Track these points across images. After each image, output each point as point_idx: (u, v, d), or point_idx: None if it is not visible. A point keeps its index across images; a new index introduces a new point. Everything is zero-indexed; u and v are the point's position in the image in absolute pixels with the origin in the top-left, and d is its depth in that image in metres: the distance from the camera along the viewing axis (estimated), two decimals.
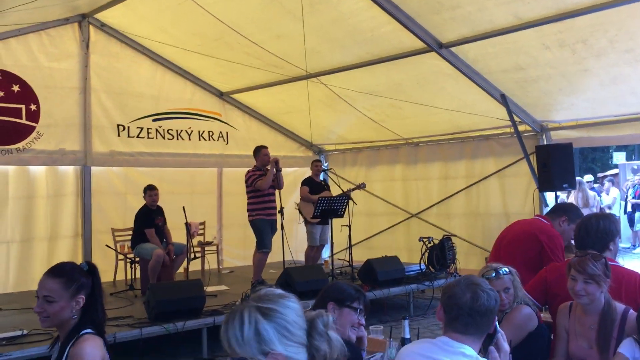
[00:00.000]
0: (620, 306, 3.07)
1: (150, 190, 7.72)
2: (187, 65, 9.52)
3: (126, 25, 8.64)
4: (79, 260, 8.45)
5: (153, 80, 9.34)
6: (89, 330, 2.40)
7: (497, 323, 2.28)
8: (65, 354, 2.35)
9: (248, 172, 7.74)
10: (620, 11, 5.60)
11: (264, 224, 7.61)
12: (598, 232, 3.44)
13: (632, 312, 3.03)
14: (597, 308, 3.07)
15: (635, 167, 14.13)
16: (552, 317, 3.56)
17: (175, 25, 8.11)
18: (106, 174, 8.94)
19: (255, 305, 1.61)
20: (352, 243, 8.90)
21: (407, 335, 3.06)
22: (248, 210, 7.72)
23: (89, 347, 2.32)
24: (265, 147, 7.83)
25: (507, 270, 3.28)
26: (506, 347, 2.29)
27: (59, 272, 2.46)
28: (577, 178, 9.61)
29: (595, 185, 12.25)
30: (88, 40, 8.53)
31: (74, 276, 2.45)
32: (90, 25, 8.56)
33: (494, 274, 3.22)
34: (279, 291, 1.68)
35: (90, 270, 2.52)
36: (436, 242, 8.38)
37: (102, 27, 8.65)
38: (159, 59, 9.33)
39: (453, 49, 7.01)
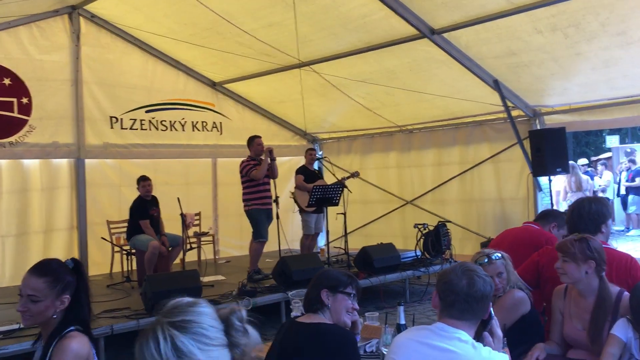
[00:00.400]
0: (615, 288, 3.09)
1: (143, 181, 7.71)
2: (179, 55, 9.47)
3: (117, 16, 8.58)
4: (75, 253, 8.46)
5: (145, 71, 9.29)
6: (73, 328, 2.35)
7: (491, 309, 2.30)
8: (49, 352, 2.29)
9: (242, 162, 7.73)
10: None
11: (259, 213, 7.62)
12: (590, 214, 3.47)
13: (627, 294, 3.05)
14: (592, 290, 3.09)
15: (629, 150, 14.17)
16: (545, 300, 3.60)
17: (167, 16, 8.06)
18: (100, 166, 8.91)
19: (167, 321, 1.54)
20: (348, 231, 8.92)
21: (403, 322, 3.08)
22: (243, 200, 7.72)
23: (74, 343, 2.27)
24: (259, 137, 7.81)
25: (499, 255, 3.31)
26: (499, 332, 2.33)
27: (45, 270, 2.39)
28: (570, 162, 9.65)
29: (589, 169, 12.28)
30: (79, 32, 8.47)
31: (59, 275, 2.39)
32: (81, 17, 8.50)
33: (486, 260, 3.26)
34: (187, 299, 1.62)
35: (75, 267, 2.45)
36: (431, 228, 8.41)
37: (93, 18, 8.59)
38: (150, 50, 9.28)
39: (445, 35, 7.00)
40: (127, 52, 9.07)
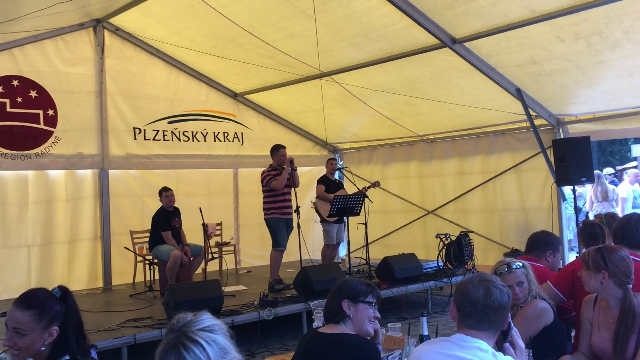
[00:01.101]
0: None
1: (165, 192, 7.79)
2: (201, 67, 9.57)
3: (140, 29, 8.71)
4: (98, 263, 8.57)
5: (168, 82, 9.41)
6: (67, 359, 2.27)
7: (510, 320, 2.27)
8: None
9: (263, 172, 7.77)
10: (635, 2, 5.55)
11: (278, 222, 7.64)
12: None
13: None
14: (616, 301, 3.05)
15: None
16: (577, 311, 3.55)
17: (189, 28, 8.16)
18: (123, 176, 9.02)
19: (199, 329, 1.63)
20: (369, 241, 8.89)
21: (426, 332, 3.05)
22: (264, 209, 7.75)
23: None
24: (284, 147, 7.82)
25: (520, 264, 3.27)
26: (521, 344, 2.29)
27: (30, 303, 2.29)
28: (596, 171, 9.50)
29: (615, 179, 12.07)
30: (103, 45, 8.62)
31: (46, 307, 2.29)
32: (105, 30, 8.65)
33: (506, 269, 3.23)
34: (190, 315, 1.70)
35: (63, 296, 2.35)
36: (453, 238, 8.34)
37: (117, 31, 8.74)
38: (173, 62, 9.40)
39: (466, 44, 6.98)
40: (150, 64, 9.20)
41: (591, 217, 8.66)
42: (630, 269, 3.02)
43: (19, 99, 7.88)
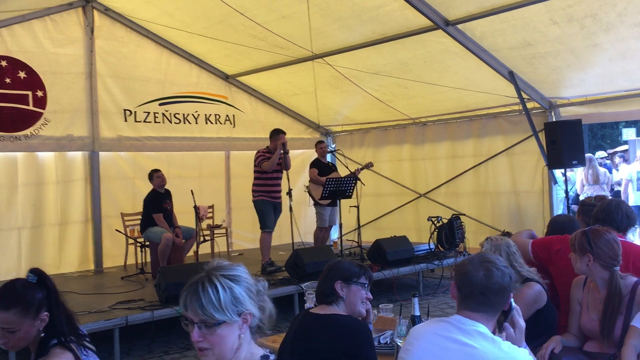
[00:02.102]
0: (630, 280, 3.06)
1: (156, 173, 7.76)
2: (192, 48, 9.48)
3: (130, 9, 8.60)
4: (89, 245, 8.55)
5: (159, 64, 9.32)
6: (56, 342, 2.27)
7: (512, 300, 2.23)
8: None
9: (258, 151, 7.75)
10: None
11: (265, 204, 7.65)
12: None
13: None
14: (603, 283, 3.09)
15: None
16: (556, 286, 3.61)
17: (179, 9, 8.06)
18: (114, 159, 8.96)
19: (222, 274, 1.79)
20: (361, 224, 8.91)
21: (417, 313, 3.06)
22: (252, 190, 7.75)
23: None
24: (284, 133, 7.75)
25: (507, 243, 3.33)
26: (522, 322, 2.25)
27: (10, 302, 2.25)
28: (588, 154, 9.52)
29: (608, 162, 12.12)
30: (92, 25, 8.50)
31: (26, 299, 2.27)
32: (94, 10, 8.53)
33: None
34: (227, 261, 1.88)
35: (40, 281, 2.33)
36: (445, 221, 8.37)
37: (106, 11, 8.62)
38: (164, 43, 9.30)
39: (460, 26, 6.93)
40: (141, 45, 9.10)
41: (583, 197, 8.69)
42: (616, 251, 3.04)
43: (8, 80, 7.77)
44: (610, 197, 5.86)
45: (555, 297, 3.57)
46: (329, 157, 9.19)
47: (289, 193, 7.60)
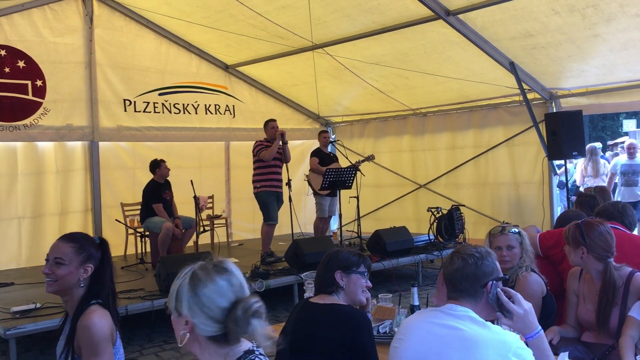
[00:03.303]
0: (625, 271, 3.07)
1: (163, 163, 7.76)
2: (191, 38, 9.44)
3: None
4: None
5: (158, 54, 9.28)
6: (95, 302, 2.41)
7: (494, 288, 2.20)
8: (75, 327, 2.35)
9: (256, 142, 7.75)
10: None
11: (268, 196, 7.64)
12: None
13: (638, 275, 3.04)
14: (598, 274, 3.10)
15: None
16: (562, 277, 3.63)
17: None
18: (114, 149, 8.96)
19: (196, 271, 1.81)
20: (361, 214, 8.91)
21: (416, 303, 3.07)
22: (253, 182, 7.74)
23: (96, 318, 2.32)
24: (274, 120, 7.82)
25: (516, 230, 3.31)
26: (519, 310, 2.19)
27: (73, 238, 2.49)
28: (591, 145, 9.51)
29: (607, 154, 12.12)
30: (92, 14, 8.46)
31: (85, 244, 2.48)
32: None
33: (500, 230, 3.27)
34: (225, 266, 1.84)
35: (101, 244, 2.54)
36: (445, 212, 8.37)
37: (106, 0, 8.58)
38: (163, 33, 9.26)
39: (460, 16, 6.90)
40: (141, 34, 9.06)
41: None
42: (610, 243, 3.05)
43: (7, 69, 7.75)
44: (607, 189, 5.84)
45: (561, 290, 3.56)
46: (329, 148, 9.17)
47: (289, 183, 7.59)
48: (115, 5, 8.68)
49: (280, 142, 7.58)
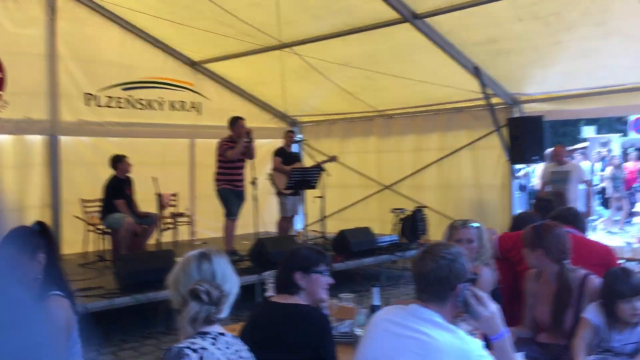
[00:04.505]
0: (579, 273, 3.15)
1: (124, 158, 7.64)
2: (158, 33, 9.31)
3: None
4: None
5: (123, 48, 9.12)
6: (53, 292, 2.39)
7: (464, 290, 2.21)
8: None
9: (222, 140, 7.69)
10: None
11: (227, 193, 7.62)
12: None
13: (592, 277, 3.12)
14: (554, 276, 3.18)
15: (604, 141, 14.38)
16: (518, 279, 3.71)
17: None
18: (75, 144, 8.76)
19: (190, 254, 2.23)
20: (326, 214, 8.93)
21: (377, 303, 3.09)
22: (215, 180, 7.70)
23: (52, 307, 2.32)
24: (243, 119, 7.77)
25: (477, 225, 3.37)
26: (485, 312, 2.19)
27: (13, 237, 2.41)
28: (551, 150, 9.70)
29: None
30: (54, 6, 8.26)
31: (27, 239, 2.43)
32: None
33: (461, 223, 3.34)
34: (209, 253, 2.27)
35: (41, 229, 2.50)
36: (408, 213, 8.45)
37: None
38: (129, 27, 9.10)
39: (427, 19, 6.98)
40: (106, 28, 8.89)
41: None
42: (566, 245, 3.13)
43: None
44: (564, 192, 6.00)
45: (519, 291, 3.63)
46: (294, 147, 9.16)
47: (254, 182, 7.56)
48: None
49: (246, 140, 7.54)
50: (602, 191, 13.37)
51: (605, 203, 13.10)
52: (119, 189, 7.55)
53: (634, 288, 2.91)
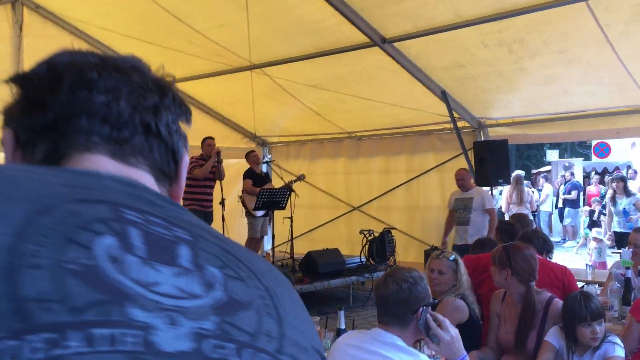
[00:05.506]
0: (544, 295, 3.21)
1: None
2: (128, 51, 9.09)
3: (63, 8, 8.31)
4: None
5: None
6: None
7: (425, 314, 2.26)
8: None
9: (191, 158, 7.66)
10: (555, 12, 5.80)
11: (196, 214, 7.54)
12: None
13: (556, 300, 3.18)
14: (519, 297, 3.23)
15: (567, 164, 14.74)
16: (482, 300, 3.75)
17: (115, 10, 7.87)
18: None
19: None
20: (295, 235, 8.91)
21: (342, 327, 3.09)
22: (183, 199, 7.62)
23: None
24: (211, 138, 7.77)
25: (453, 257, 3.42)
26: (447, 337, 2.24)
27: None
28: (516, 173, 9.92)
29: (527, 181, 12.69)
30: (21, 22, 8.15)
31: None
32: (24, 7, 8.18)
33: (439, 254, 3.41)
34: None
35: None
36: (376, 235, 8.50)
37: (37, 8, 8.29)
38: (98, 45, 9.01)
39: (396, 44, 7.10)
40: (74, 45, 8.72)
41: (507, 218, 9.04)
42: (533, 267, 3.20)
43: None
44: (528, 215, 6.13)
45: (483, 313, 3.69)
46: (264, 167, 9.16)
47: (222, 203, 7.53)
48: (47, 15, 8.41)
49: (215, 161, 7.52)
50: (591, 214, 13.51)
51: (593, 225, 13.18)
52: None
53: (594, 312, 2.97)
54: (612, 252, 8.85)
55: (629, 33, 5.83)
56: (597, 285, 4.82)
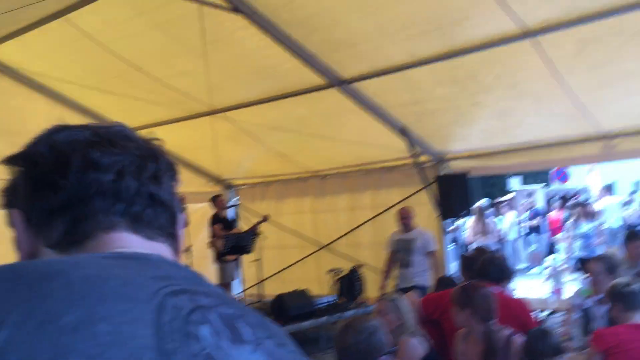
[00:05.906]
0: (505, 332, 3.26)
1: None
2: (87, 102, 9.20)
3: (19, 61, 8.25)
4: None
5: (51, 118, 8.75)
6: None
7: (382, 358, 2.31)
8: None
9: None
10: (503, 50, 6.02)
11: None
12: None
13: (516, 337, 3.23)
14: (480, 335, 3.27)
15: (529, 192, 15.06)
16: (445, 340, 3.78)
17: (73, 62, 7.86)
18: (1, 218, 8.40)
19: None
20: (265, 276, 8.84)
21: None
22: None
23: None
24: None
25: (392, 299, 3.52)
26: None
27: None
28: (479, 203, 10.07)
29: (489, 210, 12.89)
30: None
31: None
32: None
33: (380, 298, 3.50)
34: None
35: None
36: (345, 273, 8.50)
37: None
38: (56, 97, 8.97)
39: (353, 84, 7.24)
40: (32, 98, 8.71)
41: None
42: (491, 305, 3.25)
43: None
44: (488, 248, 6.22)
45: (447, 351, 3.71)
46: (229, 212, 9.13)
47: (188, 249, 7.46)
48: (2, 68, 8.34)
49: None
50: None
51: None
52: None
53: (554, 348, 3.03)
54: (573, 279, 8.99)
55: (574, 66, 6.09)
56: (562, 313, 4.89)
